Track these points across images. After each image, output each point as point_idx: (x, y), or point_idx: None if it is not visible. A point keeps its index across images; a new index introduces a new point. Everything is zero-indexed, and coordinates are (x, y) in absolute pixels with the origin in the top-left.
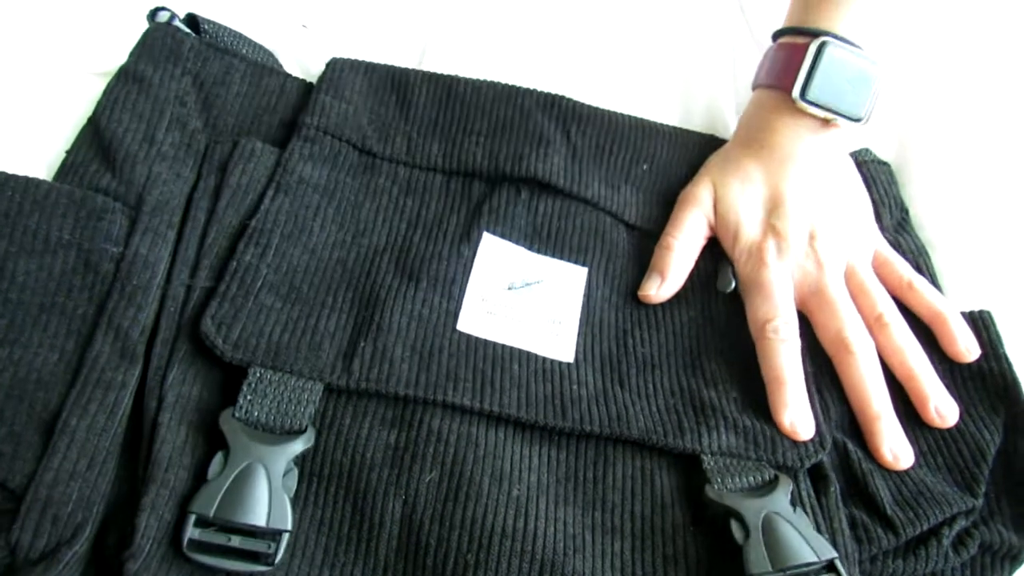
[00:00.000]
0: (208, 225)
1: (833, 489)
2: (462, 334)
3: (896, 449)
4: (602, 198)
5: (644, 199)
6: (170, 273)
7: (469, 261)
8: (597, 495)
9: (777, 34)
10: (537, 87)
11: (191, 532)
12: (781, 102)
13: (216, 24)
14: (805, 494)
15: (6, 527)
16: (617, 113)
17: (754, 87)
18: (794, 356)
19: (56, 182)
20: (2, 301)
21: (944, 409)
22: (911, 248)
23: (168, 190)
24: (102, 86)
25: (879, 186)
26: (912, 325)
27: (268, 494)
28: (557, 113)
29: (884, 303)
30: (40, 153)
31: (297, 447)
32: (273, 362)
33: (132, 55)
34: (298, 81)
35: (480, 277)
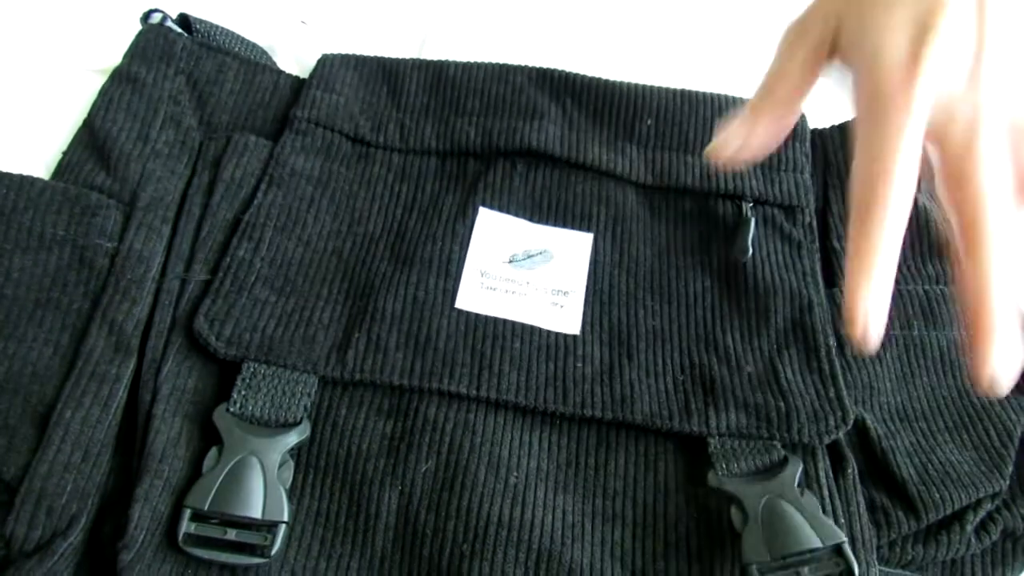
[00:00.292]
0: (202, 219)
1: (851, 470)
2: (461, 312)
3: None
4: (603, 161)
5: (652, 155)
6: (164, 267)
7: (466, 238)
8: (598, 482)
9: None
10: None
11: (186, 526)
12: None
13: (208, 23)
14: (823, 474)
15: (1, 519)
16: (613, 80)
17: None
18: (900, 220)
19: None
20: None
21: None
22: (941, 218)
23: (162, 186)
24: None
25: None
26: None
27: (263, 486)
28: (550, 86)
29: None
30: (39, 152)
31: (292, 439)
32: (267, 356)
33: (125, 56)
34: (291, 78)
35: (478, 252)
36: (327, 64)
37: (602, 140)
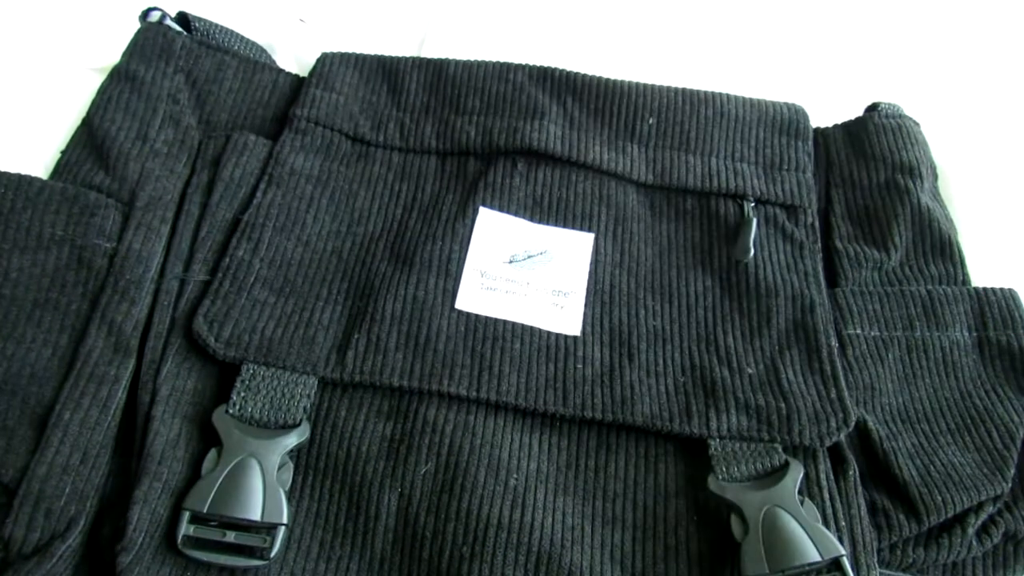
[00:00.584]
0: (201, 219)
1: (852, 472)
2: (461, 313)
3: None
4: (605, 161)
5: (653, 154)
6: (163, 268)
7: (466, 238)
8: (598, 484)
9: None
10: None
11: (185, 528)
12: None
13: (207, 22)
14: (824, 477)
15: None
16: (614, 79)
17: None
18: None
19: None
20: None
21: None
22: (944, 219)
23: (161, 186)
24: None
25: (918, 146)
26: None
27: (263, 488)
28: (551, 85)
29: None
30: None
31: (291, 441)
32: (266, 358)
33: (124, 55)
34: (291, 76)
35: (478, 252)
36: (327, 63)
37: (603, 139)
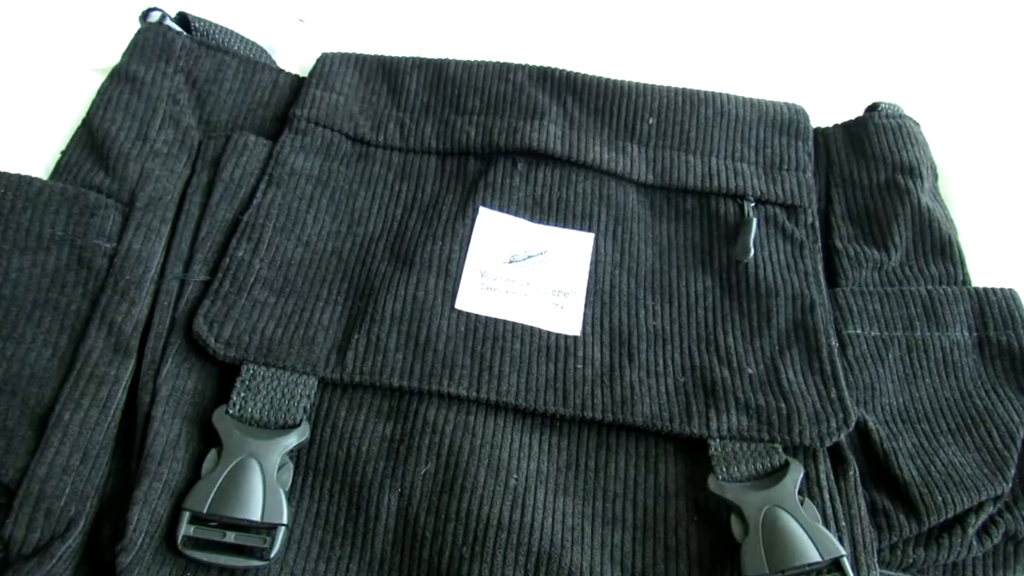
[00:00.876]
0: (201, 219)
1: (852, 472)
2: (461, 313)
3: None
4: (604, 160)
5: (653, 154)
6: (164, 268)
7: (466, 238)
8: (598, 484)
9: None
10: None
11: (185, 528)
12: None
13: (207, 22)
14: (824, 477)
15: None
16: (614, 79)
17: None
18: None
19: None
20: None
21: None
22: (944, 219)
23: (161, 186)
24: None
25: (919, 146)
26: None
27: (263, 489)
28: (551, 85)
29: None
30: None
31: (291, 441)
32: (266, 358)
33: (124, 55)
34: (291, 76)
35: (478, 252)
36: (326, 63)
37: (603, 139)
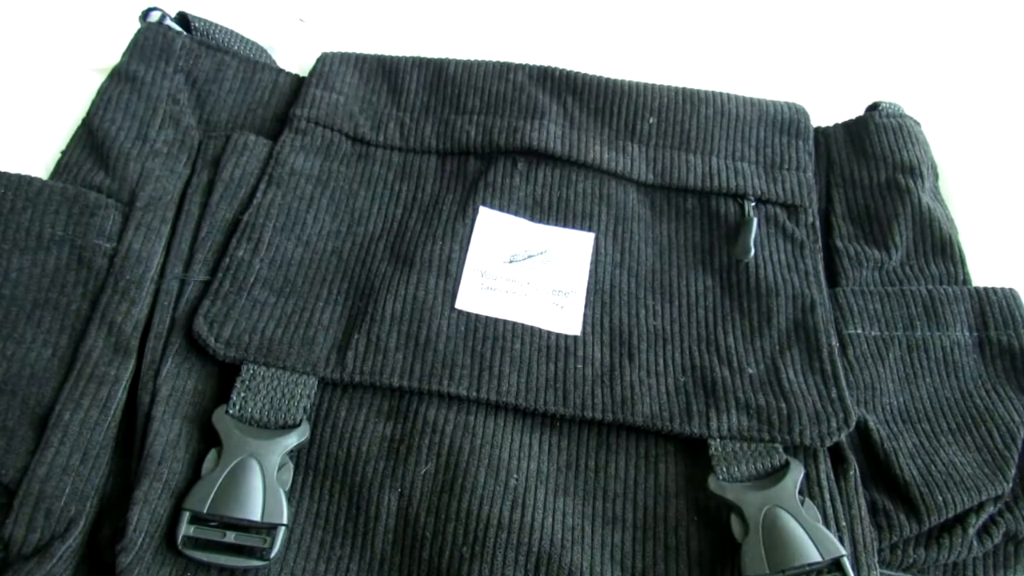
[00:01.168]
0: (201, 219)
1: (852, 472)
2: (461, 313)
3: None
4: (605, 160)
5: (654, 153)
6: (164, 268)
7: (466, 238)
8: (598, 484)
9: None
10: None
11: (185, 528)
12: None
13: (207, 22)
14: (824, 477)
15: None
16: (614, 78)
17: None
18: None
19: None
20: None
21: None
22: (944, 219)
23: (161, 186)
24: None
25: (919, 145)
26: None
27: (263, 489)
28: (551, 84)
29: None
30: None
31: (291, 441)
32: (266, 358)
33: (124, 55)
34: (291, 76)
35: (478, 252)
36: (326, 62)
37: (603, 139)
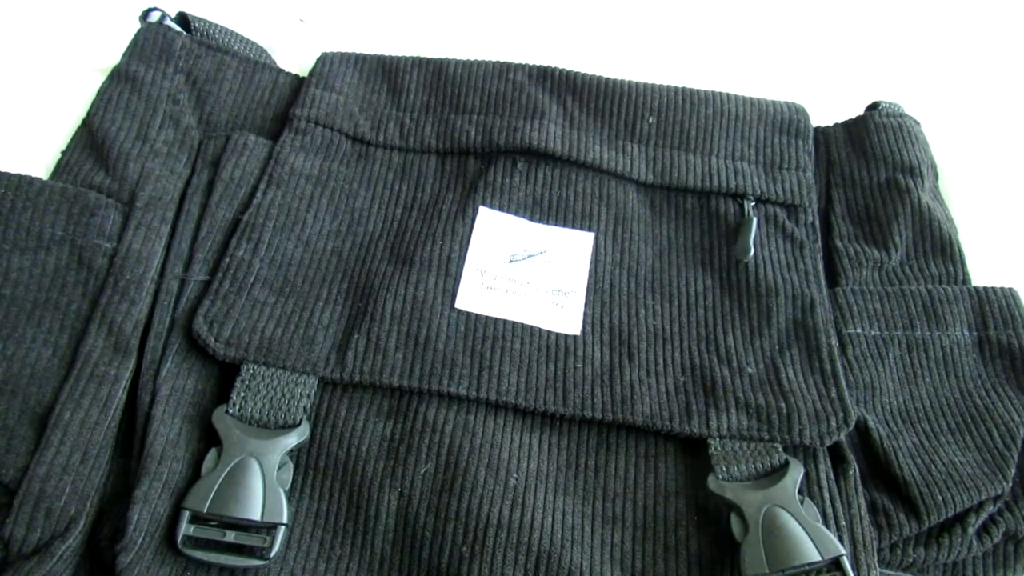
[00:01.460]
0: (201, 219)
1: (852, 471)
2: (460, 312)
3: None
4: (604, 160)
5: (653, 153)
6: (164, 267)
7: (466, 237)
8: (598, 483)
9: None
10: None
11: (185, 528)
12: None
13: (207, 22)
14: (824, 476)
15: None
16: (614, 78)
17: None
18: None
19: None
20: None
21: None
22: (944, 218)
23: (161, 186)
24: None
25: (919, 145)
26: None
27: (263, 488)
28: (551, 84)
29: None
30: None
31: (291, 441)
32: (266, 358)
33: (124, 55)
34: (291, 76)
35: (478, 251)
36: (326, 62)
37: (603, 138)
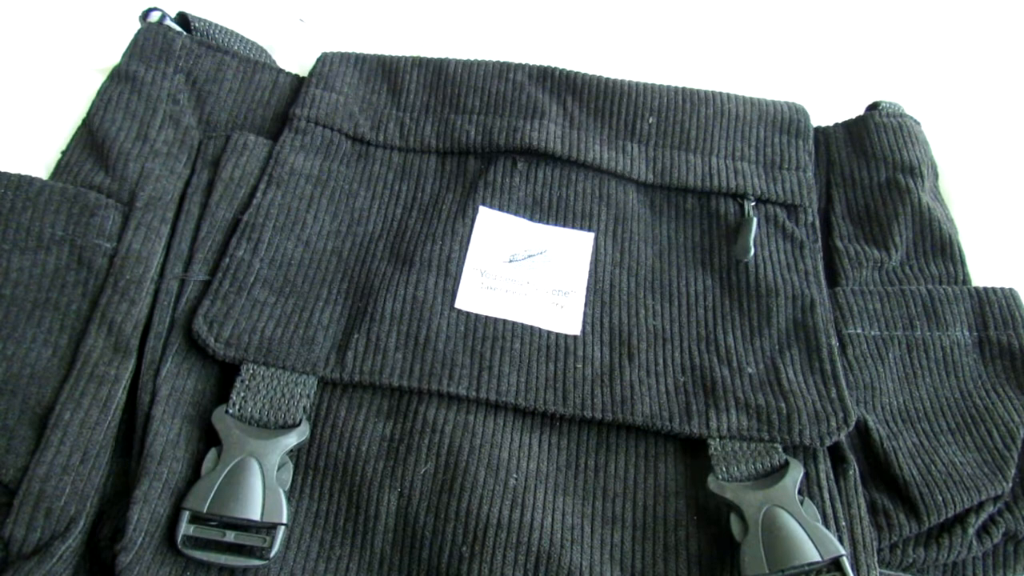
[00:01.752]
0: (201, 219)
1: (852, 472)
2: (460, 312)
3: None
4: (605, 160)
5: (653, 153)
6: (163, 268)
7: (466, 237)
8: (598, 484)
9: None
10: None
11: (185, 528)
12: None
13: (207, 22)
14: (824, 476)
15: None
16: (614, 78)
17: None
18: None
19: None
20: None
21: None
22: (944, 218)
23: (161, 186)
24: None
25: (919, 145)
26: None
27: (262, 488)
28: (551, 84)
29: None
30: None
31: (291, 441)
32: (265, 358)
33: (124, 55)
34: (291, 76)
35: (478, 251)
36: (326, 62)
37: (603, 138)
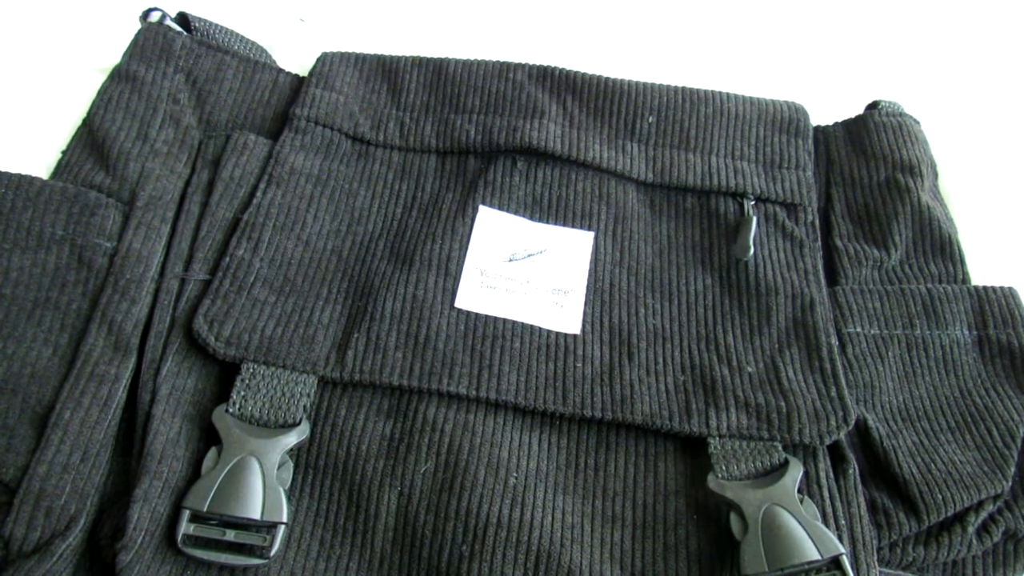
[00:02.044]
0: (201, 219)
1: (852, 470)
2: (460, 311)
3: None
4: (604, 159)
5: (653, 152)
6: (164, 267)
7: (466, 236)
8: (598, 483)
9: None
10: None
11: (185, 527)
12: None
13: (207, 22)
14: (824, 475)
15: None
16: (614, 77)
17: None
18: None
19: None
20: None
21: None
22: (944, 218)
23: (161, 185)
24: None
25: (919, 144)
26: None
27: (262, 487)
28: (551, 83)
29: None
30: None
31: (291, 440)
32: (266, 357)
33: (124, 55)
34: (291, 76)
35: (478, 251)
36: (326, 62)
37: (603, 138)
